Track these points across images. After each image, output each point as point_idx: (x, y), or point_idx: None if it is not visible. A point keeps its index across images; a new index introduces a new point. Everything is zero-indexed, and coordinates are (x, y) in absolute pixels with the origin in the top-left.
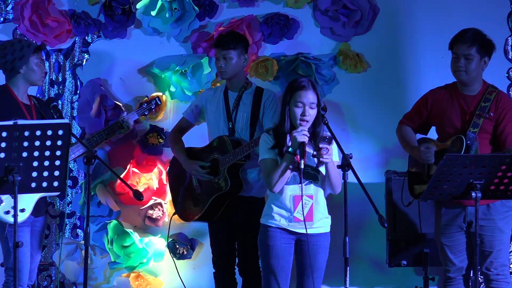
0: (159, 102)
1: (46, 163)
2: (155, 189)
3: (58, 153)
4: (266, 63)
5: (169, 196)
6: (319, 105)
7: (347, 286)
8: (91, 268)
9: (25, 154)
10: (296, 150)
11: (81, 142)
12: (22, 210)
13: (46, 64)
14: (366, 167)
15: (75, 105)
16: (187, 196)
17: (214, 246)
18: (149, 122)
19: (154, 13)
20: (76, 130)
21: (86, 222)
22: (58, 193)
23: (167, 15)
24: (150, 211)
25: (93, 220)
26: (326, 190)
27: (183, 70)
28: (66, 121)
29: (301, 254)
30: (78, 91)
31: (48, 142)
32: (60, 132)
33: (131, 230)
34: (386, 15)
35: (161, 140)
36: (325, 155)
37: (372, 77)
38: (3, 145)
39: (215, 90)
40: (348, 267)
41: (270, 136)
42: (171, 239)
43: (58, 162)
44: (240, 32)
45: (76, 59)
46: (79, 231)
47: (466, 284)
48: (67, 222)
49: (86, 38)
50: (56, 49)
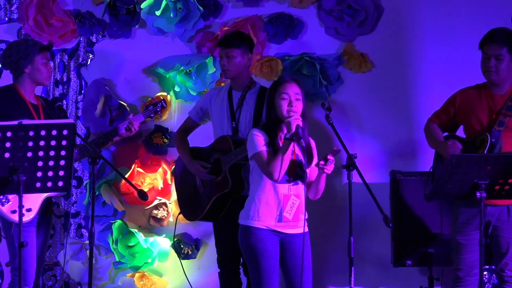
0: (165, 105)
1: (51, 163)
2: (160, 189)
3: (63, 153)
4: (270, 63)
5: (174, 196)
6: (304, 101)
7: (352, 286)
8: (96, 268)
9: (30, 154)
10: (293, 134)
11: (86, 142)
12: (29, 210)
13: (52, 63)
14: (371, 167)
15: (80, 105)
16: (192, 196)
17: (219, 246)
18: (154, 122)
19: (158, 13)
20: (81, 130)
21: (91, 222)
22: (64, 193)
23: (172, 15)
24: (155, 211)
25: (98, 220)
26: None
27: (188, 70)
28: (71, 121)
29: (287, 254)
30: (83, 91)
31: (53, 142)
32: (65, 132)
33: (136, 230)
34: (391, 15)
35: (165, 140)
36: (329, 167)
37: (376, 77)
38: (8, 145)
39: (220, 90)
40: (353, 267)
41: (262, 131)
42: (176, 239)
43: (63, 162)
44: (244, 32)
45: (80, 59)
46: (84, 231)
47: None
48: (72, 222)
49: (91, 38)
50: (60, 49)
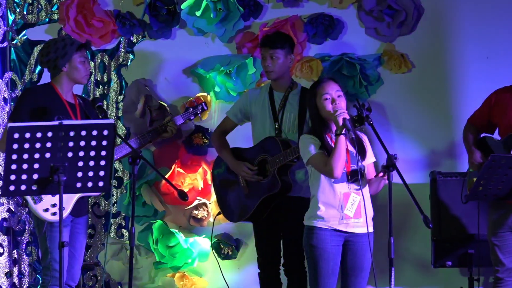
0: (206, 108)
1: (91, 163)
2: (200, 189)
3: (103, 153)
4: (310, 64)
5: (214, 196)
6: (345, 97)
7: (392, 286)
8: (136, 268)
9: (70, 154)
10: (343, 128)
11: (126, 142)
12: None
13: (92, 64)
14: (411, 168)
15: (120, 105)
16: (233, 196)
17: (259, 246)
18: (193, 122)
19: (199, 13)
20: (121, 130)
21: (131, 222)
22: (102, 193)
23: (212, 16)
24: (195, 211)
25: (138, 220)
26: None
27: (228, 71)
28: (111, 121)
29: (349, 254)
30: (123, 92)
31: (93, 142)
32: (105, 132)
33: (176, 230)
34: (431, 15)
35: (205, 140)
36: (385, 179)
37: (416, 77)
38: (49, 145)
39: (260, 91)
40: (393, 268)
41: (311, 135)
42: (216, 239)
43: (103, 162)
44: (284, 32)
45: (121, 60)
46: (124, 231)
47: None
48: (112, 222)
49: (131, 38)
50: (101, 49)
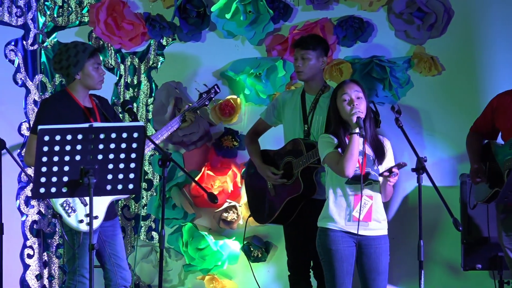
0: (218, 90)
1: (121, 166)
2: (230, 191)
3: (133, 155)
4: (340, 66)
5: (244, 198)
6: (366, 100)
7: None
8: (166, 270)
9: (100, 157)
10: (356, 127)
11: (156, 145)
12: (95, 217)
13: (122, 66)
14: (441, 170)
15: (150, 107)
16: (262, 198)
17: (289, 249)
18: (223, 125)
19: (228, 16)
20: (151, 132)
21: (161, 225)
22: (132, 195)
23: (242, 18)
24: (225, 214)
25: (168, 222)
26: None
27: (258, 73)
28: (141, 123)
29: (363, 258)
30: (153, 94)
31: (123, 145)
32: (135, 134)
33: (206, 233)
34: (461, 18)
35: (235, 143)
36: (392, 179)
37: (446, 80)
38: (79, 147)
39: (293, 93)
40: (422, 271)
41: (331, 135)
42: (246, 242)
43: (133, 165)
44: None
45: (151, 62)
46: (154, 234)
47: None
48: (142, 225)
49: (161, 41)
50: (131, 52)
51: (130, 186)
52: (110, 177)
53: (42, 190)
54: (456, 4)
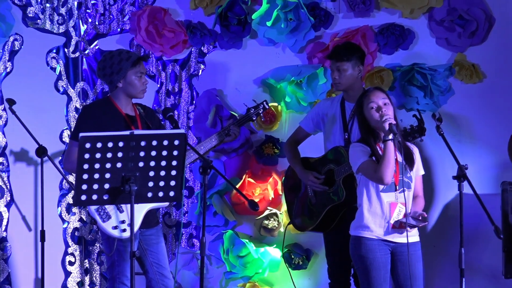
0: (267, 106)
1: (162, 173)
2: (271, 199)
3: (174, 163)
4: (381, 74)
5: (284, 206)
6: (393, 105)
7: None
8: (207, 277)
9: (141, 164)
10: (389, 133)
11: (197, 152)
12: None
13: (163, 74)
14: (482, 178)
15: (191, 115)
16: (302, 206)
17: (329, 256)
18: (264, 132)
19: (269, 23)
20: (192, 140)
21: (202, 232)
22: (173, 202)
23: (283, 26)
24: (266, 221)
25: (209, 230)
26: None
27: (299, 81)
28: (182, 131)
29: (399, 265)
30: (194, 101)
31: (164, 152)
32: (176, 142)
33: (247, 240)
34: (502, 26)
35: (276, 150)
36: (411, 230)
37: (488, 88)
38: (120, 155)
39: (332, 100)
40: (463, 278)
41: (361, 143)
42: (287, 249)
43: (174, 172)
44: (355, 42)
45: (192, 70)
46: (195, 241)
47: None
48: (183, 232)
49: (202, 48)
50: (172, 59)
51: (171, 194)
52: (151, 184)
53: (84, 197)
54: (497, 11)
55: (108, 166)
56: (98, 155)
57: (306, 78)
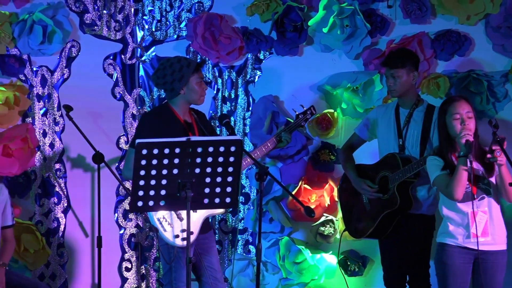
0: (314, 112)
1: (218, 179)
2: (327, 205)
3: (230, 169)
4: (437, 80)
5: (340, 213)
6: (475, 118)
7: None
8: (263, 284)
9: (197, 170)
10: (465, 151)
11: (253, 158)
12: (191, 233)
13: (220, 80)
14: None
15: (247, 121)
16: (358, 213)
17: (385, 263)
18: (320, 139)
19: (326, 30)
20: (248, 146)
21: (258, 238)
22: (229, 209)
23: (339, 32)
24: (322, 228)
25: (265, 236)
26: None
27: (355, 87)
28: (238, 137)
29: (479, 273)
30: (250, 108)
31: (220, 159)
32: (232, 148)
33: (303, 247)
34: None
35: (332, 157)
36: (499, 157)
37: None
38: (176, 161)
39: (387, 107)
40: None
41: (437, 157)
42: (343, 256)
43: (230, 179)
44: (411, 49)
45: (248, 76)
46: (251, 247)
47: None
48: (239, 238)
49: (258, 55)
50: (228, 66)
51: (227, 200)
52: (207, 190)
53: (140, 204)
54: None
55: (164, 172)
56: (154, 161)
57: (362, 84)
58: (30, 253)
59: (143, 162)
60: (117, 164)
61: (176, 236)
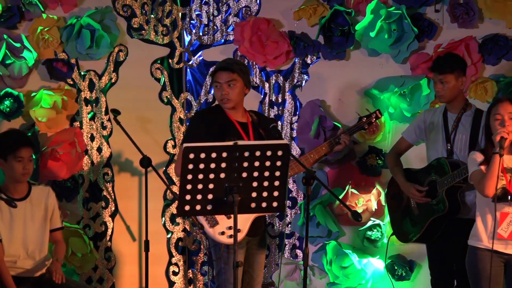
0: (380, 115)
1: (265, 184)
2: (374, 210)
3: (277, 173)
4: (485, 85)
5: (387, 217)
6: None
7: None
8: None
9: (244, 175)
10: (497, 147)
11: (300, 163)
12: (238, 231)
13: (267, 85)
14: None
15: (294, 126)
16: (405, 217)
17: (433, 267)
18: (367, 143)
19: (373, 34)
20: (295, 151)
21: (305, 243)
22: (277, 213)
23: (386, 36)
24: (369, 232)
25: (312, 240)
26: None
27: (402, 92)
28: (285, 142)
29: (510, 277)
30: (297, 112)
31: (267, 163)
32: (279, 152)
33: (350, 251)
34: None
35: (379, 161)
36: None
37: None
38: (223, 165)
39: (435, 111)
40: None
41: (480, 153)
42: (390, 260)
43: (277, 183)
44: (458, 53)
45: (295, 80)
46: (298, 252)
47: None
48: (286, 243)
49: (305, 59)
50: (275, 70)
51: (274, 204)
52: (254, 195)
53: (187, 208)
54: None
55: (211, 176)
56: (201, 166)
57: (410, 89)
58: (78, 257)
59: (190, 166)
60: (164, 168)
61: (221, 233)
